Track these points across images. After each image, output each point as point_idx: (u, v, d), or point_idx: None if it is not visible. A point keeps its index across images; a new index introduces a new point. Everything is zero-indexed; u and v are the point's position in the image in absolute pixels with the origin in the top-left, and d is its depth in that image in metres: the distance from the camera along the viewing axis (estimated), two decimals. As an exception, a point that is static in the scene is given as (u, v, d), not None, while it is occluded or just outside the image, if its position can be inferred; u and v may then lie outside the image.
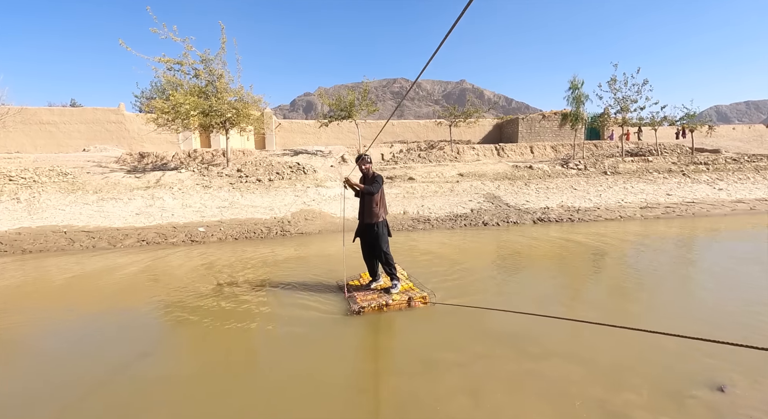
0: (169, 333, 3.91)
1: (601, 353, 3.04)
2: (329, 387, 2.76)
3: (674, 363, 2.86)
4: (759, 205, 11.43)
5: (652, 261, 6.13)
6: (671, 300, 4.30)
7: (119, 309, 4.47)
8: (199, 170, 13.63)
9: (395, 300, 4.15)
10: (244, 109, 13.57)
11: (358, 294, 4.45)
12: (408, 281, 4.83)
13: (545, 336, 3.40)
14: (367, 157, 4.38)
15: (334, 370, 3.02)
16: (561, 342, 3.29)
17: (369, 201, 4.34)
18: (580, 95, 17.47)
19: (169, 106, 12.46)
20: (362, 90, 17.32)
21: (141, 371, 3.04)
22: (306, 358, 3.23)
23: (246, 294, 4.78)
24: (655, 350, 3.05)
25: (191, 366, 3.21)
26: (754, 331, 3.35)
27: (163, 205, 10.58)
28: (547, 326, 3.40)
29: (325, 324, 3.88)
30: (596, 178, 14.56)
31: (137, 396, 2.68)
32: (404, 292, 4.38)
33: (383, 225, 4.40)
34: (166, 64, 12.22)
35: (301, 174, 13.78)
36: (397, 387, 2.75)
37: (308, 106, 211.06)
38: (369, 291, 4.51)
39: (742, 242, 7.52)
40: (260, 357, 3.42)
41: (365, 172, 4.44)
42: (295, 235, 8.86)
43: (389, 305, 4.11)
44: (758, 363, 2.78)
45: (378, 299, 4.21)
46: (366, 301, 4.17)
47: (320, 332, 3.71)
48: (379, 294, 4.37)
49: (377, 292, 4.47)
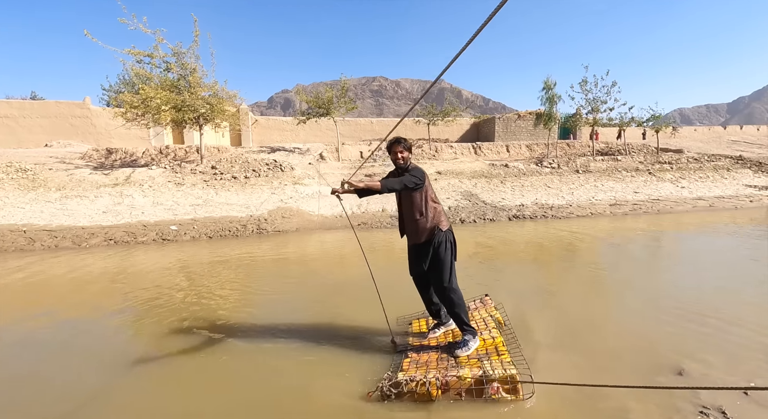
0: (136, 346, 3.34)
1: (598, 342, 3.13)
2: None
3: (645, 350, 2.99)
4: (717, 203, 12.09)
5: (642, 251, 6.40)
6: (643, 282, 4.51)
7: (80, 315, 4.26)
8: (172, 167, 13.19)
9: (462, 376, 2.38)
10: (218, 104, 13.23)
11: (413, 349, 2.92)
12: (495, 332, 2.95)
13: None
14: (405, 141, 2.84)
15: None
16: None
17: (409, 206, 2.84)
18: (554, 95, 17.97)
19: (138, 100, 12.00)
20: (340, 87, 17.21)
21: (104, 384, 2.72)
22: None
23: (218, 310, 4.15)
24: (631, 340, 3.18)
25: (162, 384, 2.72)
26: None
27: (132, 203, 10.18)
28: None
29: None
30: (569, 177, 15.03)
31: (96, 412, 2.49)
32: (481, 358, 2.60)
33: (443, 243, 2.78)
34: (135, 57, 11.75)
35: (278, 171, 13.56)
36: None
37: (286, 103, 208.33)
38: (425, 350, 2.87)
39: (701, 236, 7.94)
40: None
41: (400, 162, 2.84)
42: (272, 233, 8.72)
43: (448, 385, 2.37)
44: (714, 348, 2.95)
45: (433, 369, 2.52)
46: (408, 371, 2.53)
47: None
48: (438, 357, 2.71)
49: (437, 350, 2.83)
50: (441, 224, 2.81)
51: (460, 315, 2.79)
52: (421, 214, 2.81)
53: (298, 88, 19.26)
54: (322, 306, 4.17)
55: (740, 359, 2.80)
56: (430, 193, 2.84)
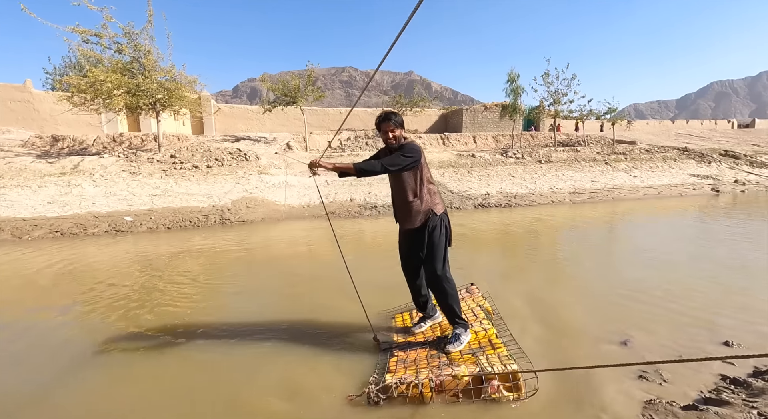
0: (83, 347, 2.93)
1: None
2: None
3: (589, 325, 3.14)
4: (665, 191, 12.94)
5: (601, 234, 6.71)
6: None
7: (18, 314, 3.92)
8: (126, 155, 12.42)
9: (458, 375, 2.16)
10: (176, 89, 12.53)
11: (398, 346, 2.69)
12: (486, 324, 2.79)
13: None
14: (395, 116, 2.51)
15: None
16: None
17: (402, 187, 2.53)
18: (518, 87, 18.43)
19: (86, 83, 11.14)
20: (307, 75, 16.80)
21: (44, 390, 2.42)
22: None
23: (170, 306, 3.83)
24: (587, 314, 3.33)
25: (112, 387, 2.41)
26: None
27: (82, 193, 9.51)
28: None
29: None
30: (532, 166, 15.55)
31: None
32: (475, 353, 2.42)
33: (438, 227, 2.52)
34: (81, 36, 10.87)
35: (242, 160, 13.10)
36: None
37: (252, 92, 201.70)
38: (412, 347, 2.65)
39: (652, 221, 8.48)
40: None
41: (391, 142, 2.53)
42: (236, 224, 8.44)
43: (443, 385, 2.16)
44: (652, 321, 3.15)
45: (424, 368, 2.30)
46: (396, 373, 2.30)
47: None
48: (428, 355, 2.49)
49: (425, 347, 2.61)
50: (436, 207, 2.54)
51: (453, 308, 2.54)
52: (414, 196, 2.50)
53: (264, 76, 18.58)
54: (293, 301, 3.87)
55: (681, 327, 3.01)
56: (425, 173, 2.52)
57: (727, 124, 34.51)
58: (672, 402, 2.06)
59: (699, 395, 2.15)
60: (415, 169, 2.48)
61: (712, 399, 2.08)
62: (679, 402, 2.07)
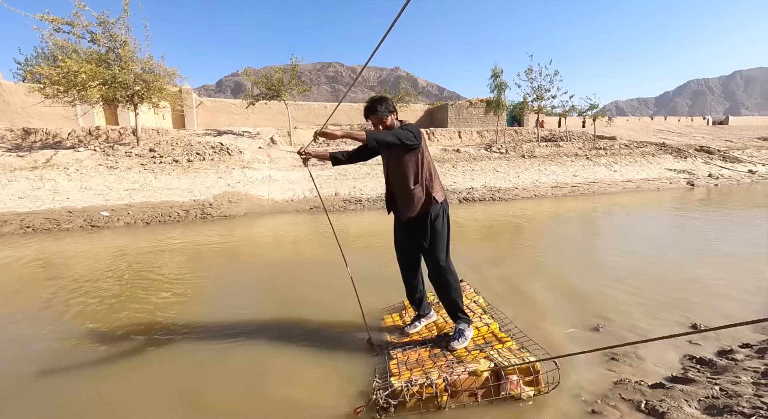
0: (58, 349, 2.74)
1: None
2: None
3: (568, 311, 3.21)
4: (643, 184, 13.29)
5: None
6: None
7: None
8: (103, 149, 12.05)
9: (476, 371, 1.99)
10: (155, 82, 12.18)
11: (395, 348, 2.49)
12: (487, 319, 2.66)
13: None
14: (385, 103, 2.31)
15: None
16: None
17: (402, 172, 2.32)
18: (501, 83, 18.60)
19: (59, 74, 10.73)
20: (292, 69, 16.56)
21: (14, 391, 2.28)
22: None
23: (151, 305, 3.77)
24: (560, 304, 3.40)
25: (90, 389, 2.24)
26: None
27: (55, 188, 9.18)
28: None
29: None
30: (515, 161, 15.74)
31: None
32: (483, 349, 2.26)
33: (440, 216, 2.35)
34: (52, 24, 10.44)
35: (225, 155, 12.87)
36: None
37: (237, 87, 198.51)
38: (411, 347, 2.45)
39: (630, 212, 8.71)
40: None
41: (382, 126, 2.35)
42: (217, 218, 8.30)
43: (455, 387, 1.97)
44: (624, 305, 3.24)
45: (431, 368, 2.11)
46: (402, 376, 2.09)
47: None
48: (431, 354, 2.32)
49: (425, 346, 2.43)
50: (437, 194, 2.34)
51: (456, 301, 2.39)
52: (416, 182, 2.29)
53: (248, 70, 18.21)
54: (279, 299, 3.64)
55: (652, 312, 3.10)
56: (426, 156, 2.33)
57: (703, 121, 35.62)
58: (641, 382, 2.12)
59: (667, 374, 2.22)
60: (416, 152, 2.28)
61: (679, 378, 2.15)
62: (647, 381, 2.13)
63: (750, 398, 1.84)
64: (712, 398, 1.91)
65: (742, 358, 2.30)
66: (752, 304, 3.20)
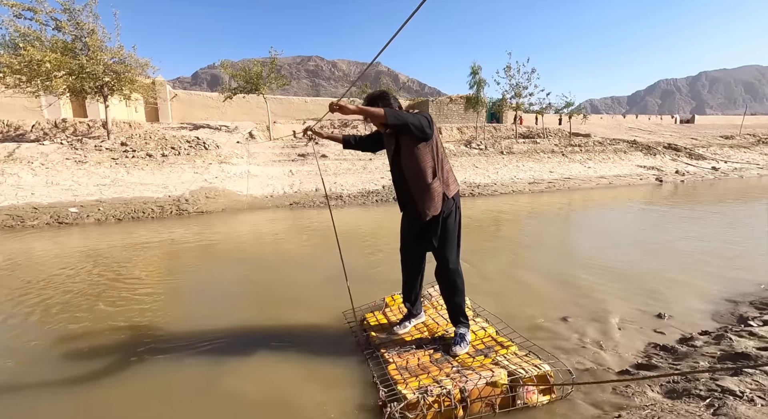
0: (22, 359, 2.57)
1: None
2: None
3: (539, 301, 3.31)
4: (615, 180, 13.79)
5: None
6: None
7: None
8: (71, 143, 11.52)
9: (497, 381, 1.89)
10: (125, 72, 11.71)
11: (387, 350, 2.32)
12: (482, 322, 2.59)
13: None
14: (385, 98, 2.19)
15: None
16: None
17: (417, 167, 2.11)
18: (480, 80, 18.83)
19: (20, 62, 10.17)
20: (270, 62, 16.24)
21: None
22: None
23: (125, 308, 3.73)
24: (534, 293, 3.50)
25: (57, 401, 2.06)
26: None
27: (18, 183, 8.74)
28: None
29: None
30: (494, 158, 16.01)
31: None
32: (487, 355, 2.19)
33: (453, 212, 2.24)
34: (13, 10, 9.87)
35: (201, 149, 12.53)
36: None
37: (213, 80, 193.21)
38: (406, 350, 2.30)
39: (603, 208, 9.03)
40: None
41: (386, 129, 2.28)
42: (193, 214, 8.10)
43: (476, 395, 1.85)
44: (594, 298, 3.38)
45: (437, 376, 1.97)
46: (408, 384, 1.92)
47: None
48: (431, 359, 2.21)
49: (423, 350, 2.30)
50: (450, 189, 2.19)
51: (460, 305, 2.33)
52: (434, 176, 2.10)
53: (225, 62, 17.73)
54: (259, 297, 3.55)
55: (620, 303, 3.24)
56: (440, 147, 2.17)
57: (671, 119, 37.20)
58: (607, 369, 2.23)
59: (632, 361, 2.34)
60: (431, 143, 2.10)
61: (643, 365, 2.27)
62: (613, 368, 2.24)
63: (706, 381, 1.96)
64: (673, 382, 2.02)
65: (701, 345, 2.45)
66: (711, 292, 3.40)
